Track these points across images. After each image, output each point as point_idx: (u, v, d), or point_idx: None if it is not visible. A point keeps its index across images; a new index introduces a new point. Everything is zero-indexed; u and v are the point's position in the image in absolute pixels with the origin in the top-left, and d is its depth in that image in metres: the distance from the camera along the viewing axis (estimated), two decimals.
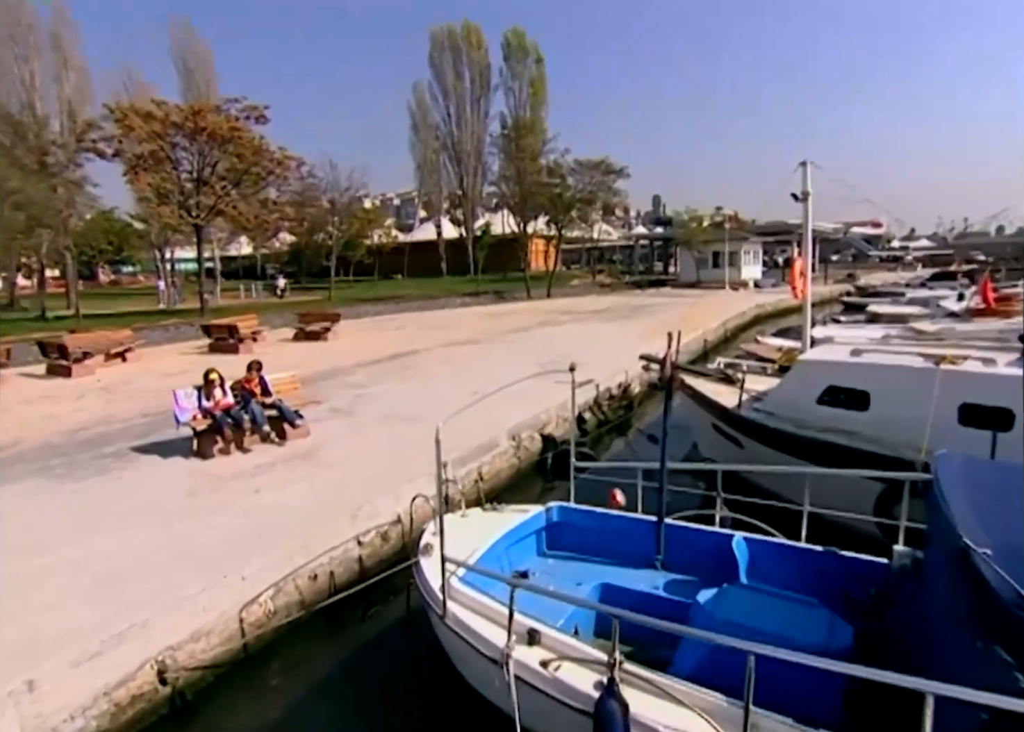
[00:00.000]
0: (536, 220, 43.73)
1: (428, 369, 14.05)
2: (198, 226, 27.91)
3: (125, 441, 9.01)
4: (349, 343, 18.96)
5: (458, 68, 50.24)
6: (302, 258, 57.57)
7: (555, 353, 15.31)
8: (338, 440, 8.80)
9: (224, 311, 29.02)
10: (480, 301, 34.30)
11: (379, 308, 30.83)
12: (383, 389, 12.08)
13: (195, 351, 18.04)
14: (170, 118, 25.52)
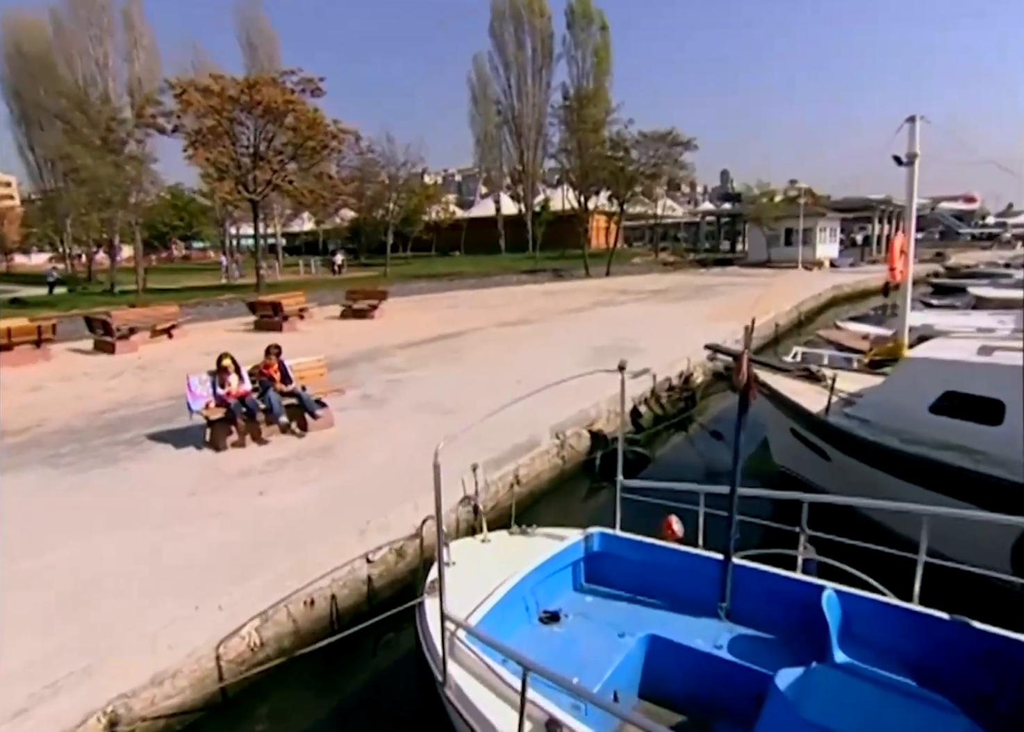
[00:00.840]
0: (597, 195, 41.96)
1: (474, 352, 13.08)
2: (254, 201, 27.68)
3: (144, 426, 8.43)
4: (396, 322, 18.21)
5: (520, 37, 48.40)
6: (362, 234, 57.55)
7: (610, 336, 14.08)
8: (363, 433, 7.93)
9: (279, 287, 28.90)
10: (536, 279, 33.09)
11: (433, 285, 30.11)
12: (422, 374, 11.18)
13: (242, 328, 17.66)
14: (227, 92, 25.16)
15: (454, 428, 8.31)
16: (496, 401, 3.62)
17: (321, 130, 27.42)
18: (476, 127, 52.61)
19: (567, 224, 46.78)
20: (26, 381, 11.50)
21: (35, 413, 9.33)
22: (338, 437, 7.79)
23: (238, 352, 8.64)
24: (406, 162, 37.02)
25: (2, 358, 12.80)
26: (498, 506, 6.99)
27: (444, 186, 78.34)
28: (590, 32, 46.01)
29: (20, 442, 8.08)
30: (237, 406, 7.38)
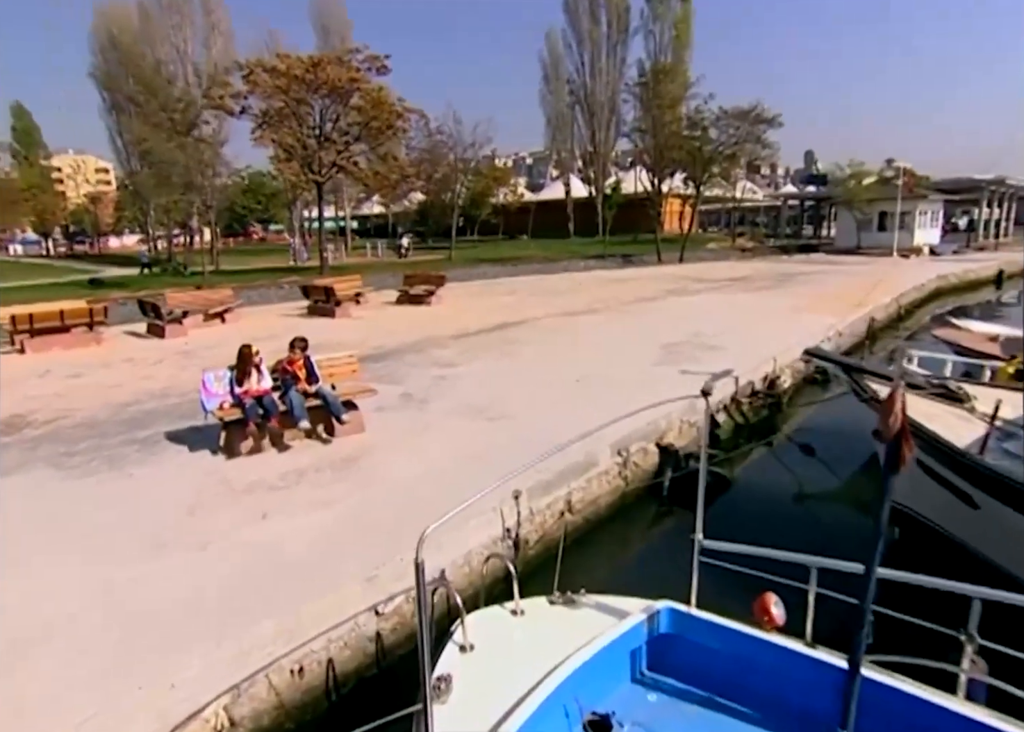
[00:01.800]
0: (672, 177, 39.68)
1: (532, 345, 11.88)
2: (319, 182, 27.26)
3: (167, 422, 7.70)
4: (452, 309, 17.20)
5: (595, 12, 46.13)
6: (429, 217, 57.04)
7: (684, 331, 12.56)
8: (396, 441, 6.90)
9: (343, 269, 28.48)
10: (605, 265, 31.47)
11: (496, 270, 29.03)
12: (473, 370, 10.08)
13: (296, 313, 17.10)
14: (292, 71, 24.67)
15: (502, 440, 7.06)
16: (551, 403, 2.78)
17: (386, 109, 26.62)
18: (547, 107, 50.87)
19: (638, 208, 44.57)
20: (70, 366, 11.13)
21: (65, 402, 8.82)
22: (367, 445, 6.79)
23: (284, 341, 7.76)
24: (474, 143, 35.76)
25: (56, 340, 12.58)
26: (544, 538, 5.82)
27: (514, 170, 77.06)
28: (670, 4, 43.28)
29: (37, 436, 7.50)
30: (253, 407, 6.47)
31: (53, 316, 12.43)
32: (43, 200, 48.97)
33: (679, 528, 6.62)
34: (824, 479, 7.84)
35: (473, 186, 48.24)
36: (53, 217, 54.51)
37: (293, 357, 6.97)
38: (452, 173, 41.11)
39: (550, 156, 62.94)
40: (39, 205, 48.66)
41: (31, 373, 10.70)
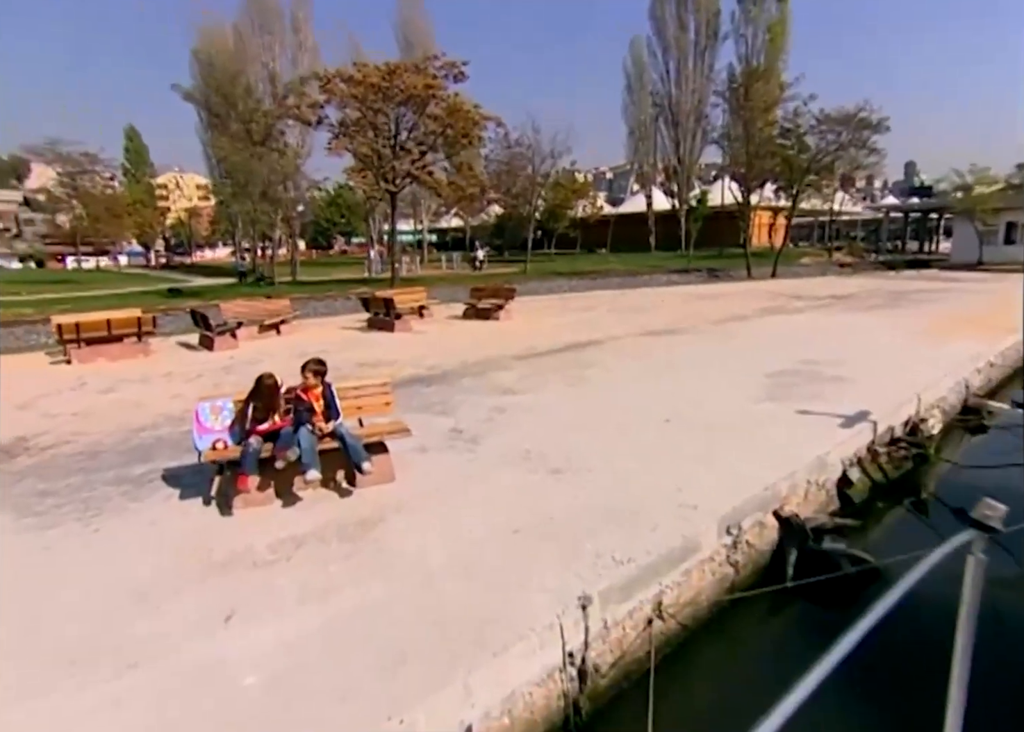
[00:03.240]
0: (761, 188, 36.96)
1: (609, 370, 10.10)
2: (392, 192, 26.55)
3: (172, 455, 6.45)
4: (522, 324, 15.64)
5: (683, 17, 44.03)
6: (506, 230, 56.15)
7: (792, 357, 10.44)
8: (431, 498, 5.30)
9: (415, 281, 27.63)
10: (690, 280, 29.21)
11: (572, 283, 27.42)
12: (538, 400, 8.40)
13: (356, 326, 16.03)
14: (369, 80, 24.09)
15: (566, 502, 5.46)
16: (636, 451, 2.78)
17: (462, 117, 25.65)
18: (630, 117, 49.03)
19: (724, 220, 41.95)
20: (107, 379, 10.29)
21: (79, 423, 7.80)
22: (392, 502, 5.22)
23: (338, 356, 6.59)
24: (552, 152, 34.37)
25: (103, 351, 11.89)
26: (624, 659, 4.04)
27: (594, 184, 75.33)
28: (765, 5, 40.60)
29: (28, 466, 6.41)
30: (253, 454, 5.05)
31: (100, 325, 11.74)
32: (144, 214, 51.47)
33: (810, 627, 4.72)
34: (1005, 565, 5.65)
35: (551, 198, 46.98)
36: (152, 229, 57.25)
37: (308, 383, 5.52)
38: (530, 186, 39.97)
39: (631, 169, 60.80)
40: (140, 218, 51.17)
41: (65, 386, 9.90)
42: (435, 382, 9.53)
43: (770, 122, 31.08)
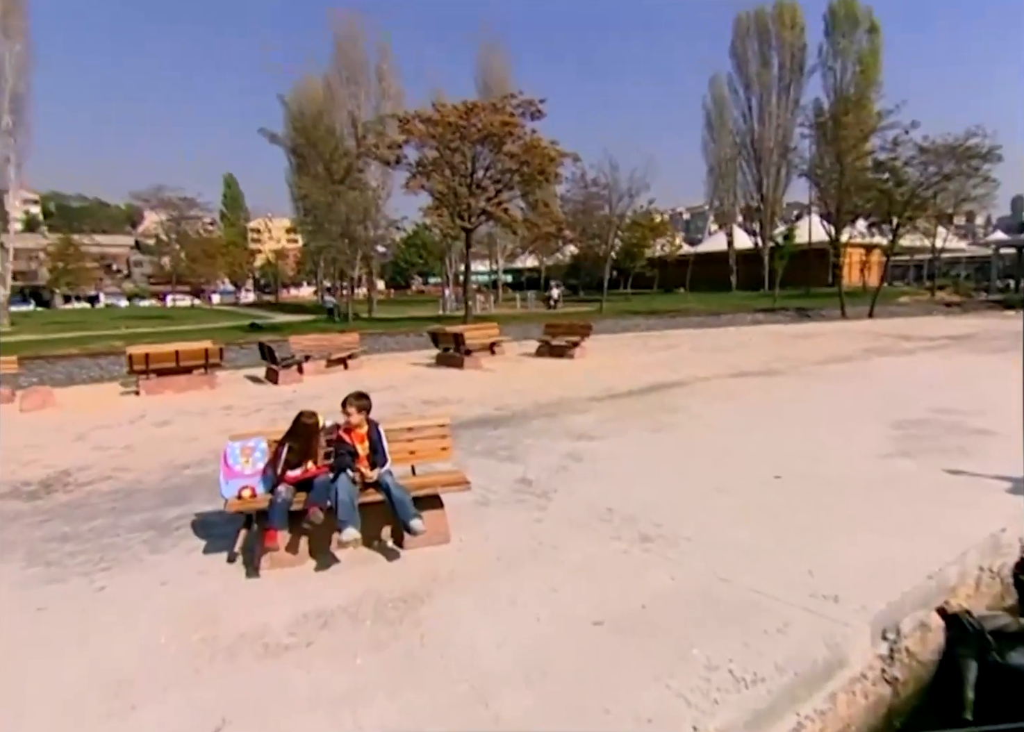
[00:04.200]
0: (853, 225, 34.75)
1: (699, 415, 8.89)
2: (467, 230, 26.44)
3: (208, 497, 5.74)
4: (598, 363, 14.62)
5: (765, 54, 43.05)
6: (582, 269, 55.61)
7: (920, 404, 8.90)
8: (490, 568, 4.32)
9: (488, 319, 27.16)
10: (777, 319, 27.39)
11: (651, 322, 26.22)
12: (618, 447, 7.33)
13: (424, 362, 15.49)
14: (446, 119, 24.32)
15: (660, 582, 5.27)
16: (740, 516, 3.08)
17: (539, 153, 25.42)
18: (710, 155, 47.95)
19: (812, 259, 39.82)
20: (168, 411, 10.01)
21: (125, 458, 7.37)
22: (445, 572, 4.26)
23: (403, 392, 5.82)
24: (630, 189, 33.64)
25: (170, 382, 11.76)
26: None
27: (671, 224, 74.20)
28: (855, 37, 39.06)
29: (59, 505, 5.91)
30: (282, 506, 4.27)
31: (168, 357, 11.64)
32: (235, 254, 54.36)
33: None
34: None
35: (628, 238, 46.18)
36: (242, 269, 60.37)
37: (351, 422, 4.73)
38: (607, 225, 39.37)
39: (709, 208, 59.38)
40: (232, 258, 54.09)
41: (125, 418, 9.67)
42: (503, 424, 8.64)
43: (863, 154, 29.25)
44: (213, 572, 4.38)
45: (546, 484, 6.03)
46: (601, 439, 7.66)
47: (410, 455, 5.06)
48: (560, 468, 6.53)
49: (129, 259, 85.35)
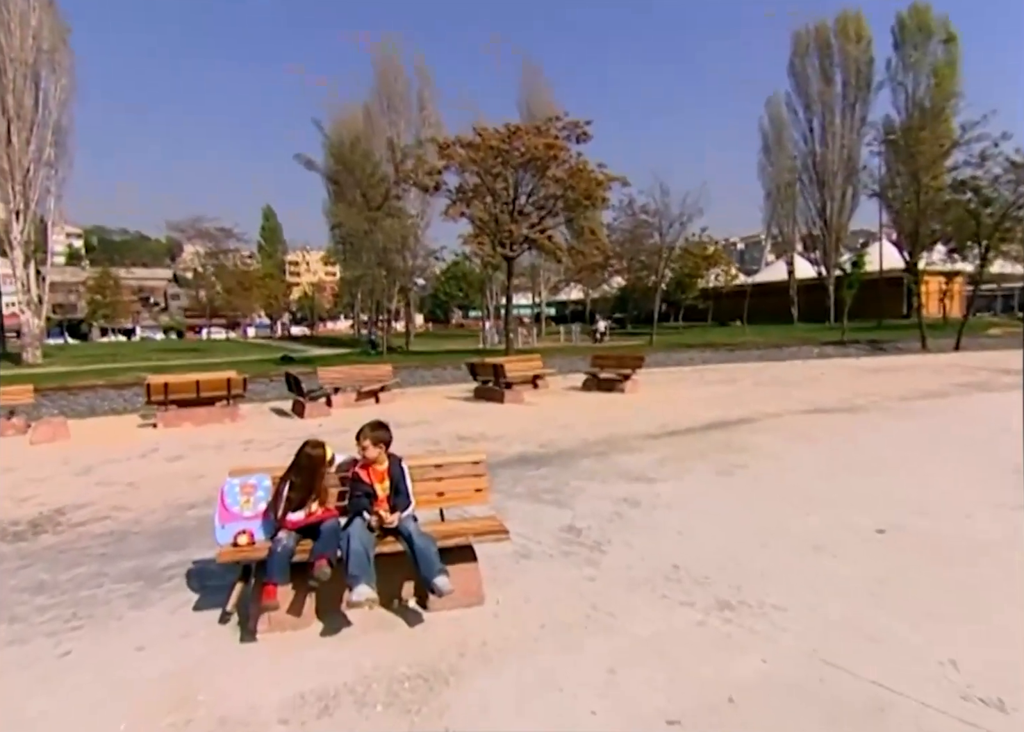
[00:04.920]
0: (930, 251, 33.36)
1: (774, 456, 8.09)
2: (508, 258, 26.25)
3: (210, 542, 5.21)
4: (651, 398, 13.89)
5: (827, 71, 42.48)
6: (629, 302, 54.96)
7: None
8: (535, 641, 3.64)
9: (529, 352, 26.71)
10: (847, 352, 26.15)
11: (706, 355, 25.33)
12: (681, 491, 6.61)
13: (461, 395, 15.01)
14: (488, 142, 24.42)
15: (740, 659, 4.76)
16: (838, 580, 2.37)
17: (585, 177, 25.23)
18: (767, 179, 47.12)
19: (883, 288, 38.31)
20: (183, 445, 9.72)
21: (127, 496, 7.01)
22: (476, 644, 3.62)
23: (438, 427, 5.24)
24: (682, 214, 33.12)
25: (189, 414, 11.55)
26: None
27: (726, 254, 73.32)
28: (928, 48, 38.24)
29: (47, 546, 5.51)
30: (282, 556, 3.74)
31: (188, 387, 11.45)
32: (270, 286, 55.77)
33: None
34: None
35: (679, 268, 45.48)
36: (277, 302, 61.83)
37: (368, 456, 4.20)
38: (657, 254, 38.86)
39: (767, 236, 58.29)
40: (268, 290, 55.52)
41: (137, 452, 9.40)
42: (547, 463, 8.01)
43: (941, 172, 28.14)
44: (200, 635, 3.84)
45: (598, 534, 5.36)
46: (661, 482, 6.95)
47: (438, 497, 4.49)
48: (614, 515, 5.85)
49: (167, 292, 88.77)
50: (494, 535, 4.17)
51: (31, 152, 26.55)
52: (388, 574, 4.01)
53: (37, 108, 27.12)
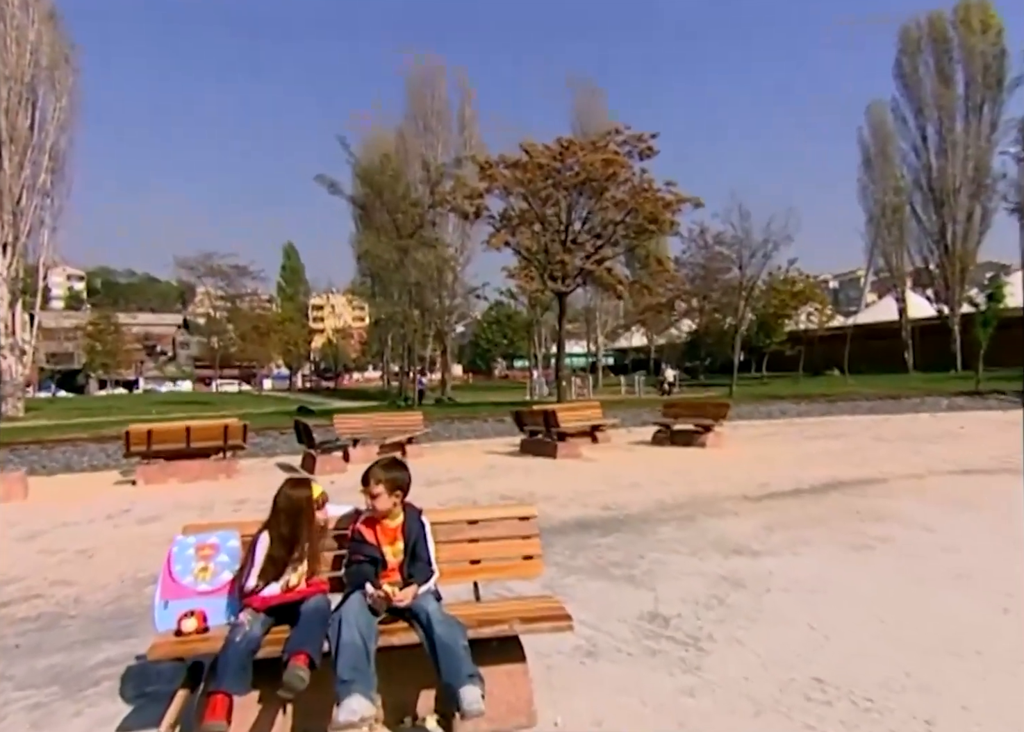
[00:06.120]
0: None
1: (922, 523, 6.99)
2: (560, 294, 25.74)
3: None
4: (741, 453, 12.98)
5: (945, 69, 41.70)
6: (701, 348, 53.76)
7: None
8: None
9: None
10: (987, 405, 24.54)
11: (801, 408, 24.08)
12: (799, 568, 5.62)
13: (505, 450, 14.27)
14: (536, 160, 24.34)
15: None
16: None
17: (650, 198, 24.81)
18: (869, 200, 45.97)
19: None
20: (159, 505, 9.18)
21: (75, 568, 6.43)
22: None
23: (476, 485, 4.73)
24: (766, 242, 32.26)
25: (178, 468, 11.08)
26: None
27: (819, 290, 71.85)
28: None
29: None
30: (243, 642, 2.96)
31: (176, 435, 10.98)
32: (290, 330, 56.78)
33: None
34: None
35: (763, 307, 44.35)
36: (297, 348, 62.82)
37: (378, 508, 3.45)
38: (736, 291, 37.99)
39: (869, 268, 56.52)
40: (286, 336, 56.52)
41: (104, 512, 8.90)
42: (615, 529, 7.13)
43: None
44: None
45: (693, 625, 4.43)
46: (770, 556, 5.96)
47: (472, 566, 3.69)
48: (713, 599, 4.90)
49: (176, 339, 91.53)
50: (551, 622, 3.29)
51: (23, 178, 27.48)
52: (396, 679, 3.20)
53: (32, 130, 28.20)
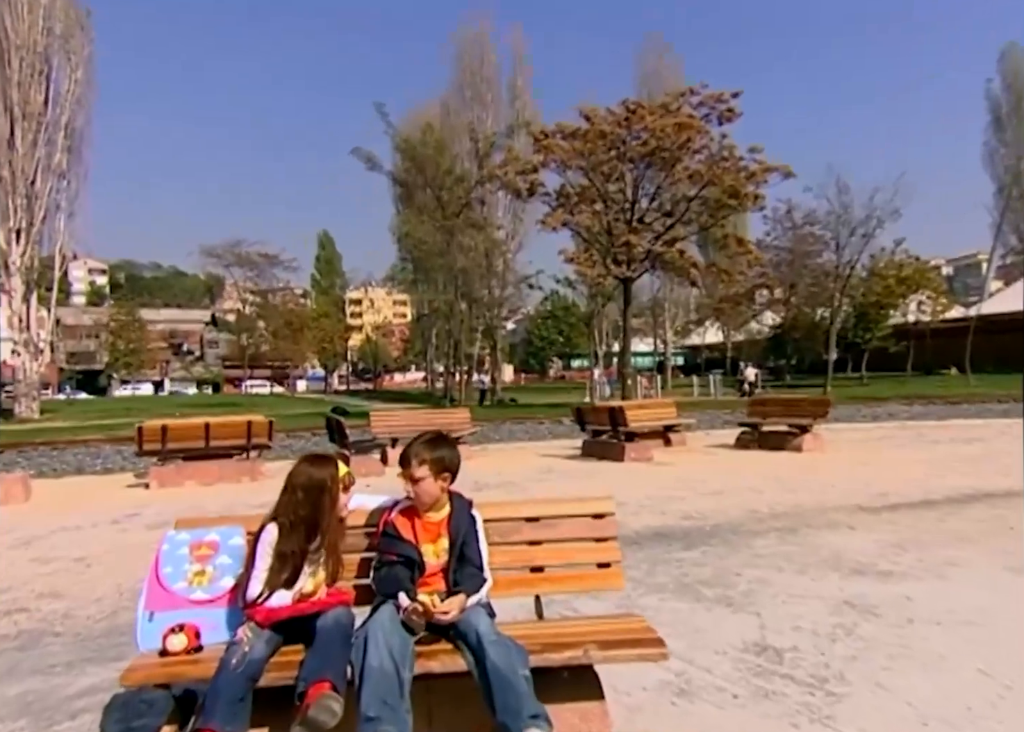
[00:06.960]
0: None
1: None
2: (626, 280, 25.10)
3: None
4: (847, 458, 12.39)
5: None
6: (787, 345, 52.16)
7: None
8: None
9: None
10: None
11: (914, 410, 23.08)
12: (949, 595, 4.98)
13: (563, 453, 13.91)
14: (598, 128, 23.77)
15: None
16: None
17: (730, 169, 24.00)
18: (998, 167, 43.77)
19: None
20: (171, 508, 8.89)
21: (68, 578, 6.26)
22: None
23: (531, 488, 4.28)
24: (869, 219, 30.93)
25: (197, 470, 11.00)
26: None
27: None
28: None
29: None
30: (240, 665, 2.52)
31: (194, 433, 10.81)
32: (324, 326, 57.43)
33: None
34: None
35: (862, 296, 42.69)
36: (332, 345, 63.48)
37: (423, 496, 3.00)
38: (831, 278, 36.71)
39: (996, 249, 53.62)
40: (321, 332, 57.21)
41: (110, 517, 8.82)
42: (701, 541, 6.61)
43: None
44: None
45: (816, 660, 3.86)
46: (905, 579, 5.34)
47: (532, 575, 3.22)
48: (838, 629, 4.32)
49: (203, 338, 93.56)
50: (638, 649, 2.78)
51: (37, 158, 27.76)
52: (437, 717, 2.74)
53: (47, 105, 28.54)
